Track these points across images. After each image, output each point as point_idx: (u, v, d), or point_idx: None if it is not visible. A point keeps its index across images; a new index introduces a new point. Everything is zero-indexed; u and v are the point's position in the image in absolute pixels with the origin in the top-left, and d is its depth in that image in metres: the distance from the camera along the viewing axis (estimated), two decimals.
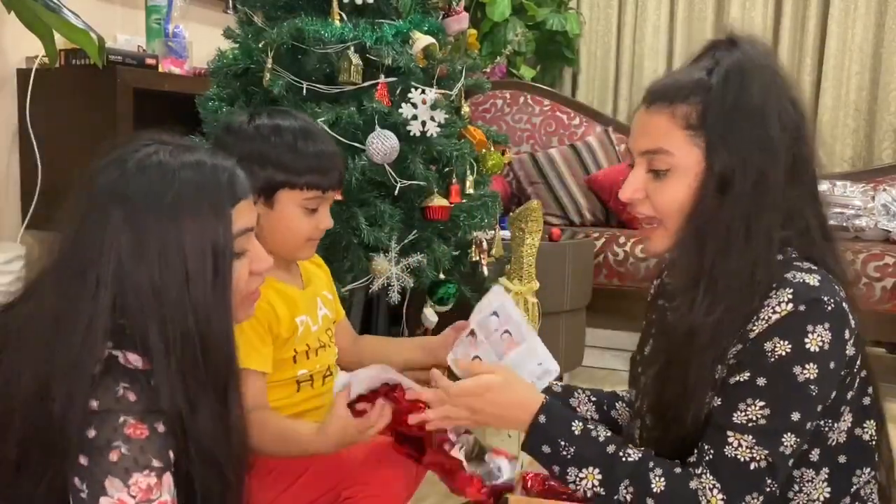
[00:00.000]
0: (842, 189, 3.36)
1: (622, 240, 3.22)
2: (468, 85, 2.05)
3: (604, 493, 0.98)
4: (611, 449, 1.00)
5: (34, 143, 2.43)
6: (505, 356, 1.14)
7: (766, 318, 0.95)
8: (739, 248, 0.97)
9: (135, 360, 0.93)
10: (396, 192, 1.80)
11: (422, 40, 1.80)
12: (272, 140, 1.24)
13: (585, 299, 2.79)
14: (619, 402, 1.29)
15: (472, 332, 1.15)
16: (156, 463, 0.89)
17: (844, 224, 3.22)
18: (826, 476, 1.01)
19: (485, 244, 2.03)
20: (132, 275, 0.93)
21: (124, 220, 0.93)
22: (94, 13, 2.60)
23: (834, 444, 1.01)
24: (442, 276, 1.91)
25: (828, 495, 1.01)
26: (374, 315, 2.55)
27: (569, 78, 4.51)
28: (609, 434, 1.02)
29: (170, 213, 0.93)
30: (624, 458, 0.98)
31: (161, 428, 0.91)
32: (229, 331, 0.99)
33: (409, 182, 1.80)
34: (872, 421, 1.04)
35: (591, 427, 1.03)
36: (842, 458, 1.02)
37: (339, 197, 1.31)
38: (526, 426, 1.04)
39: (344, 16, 1.79)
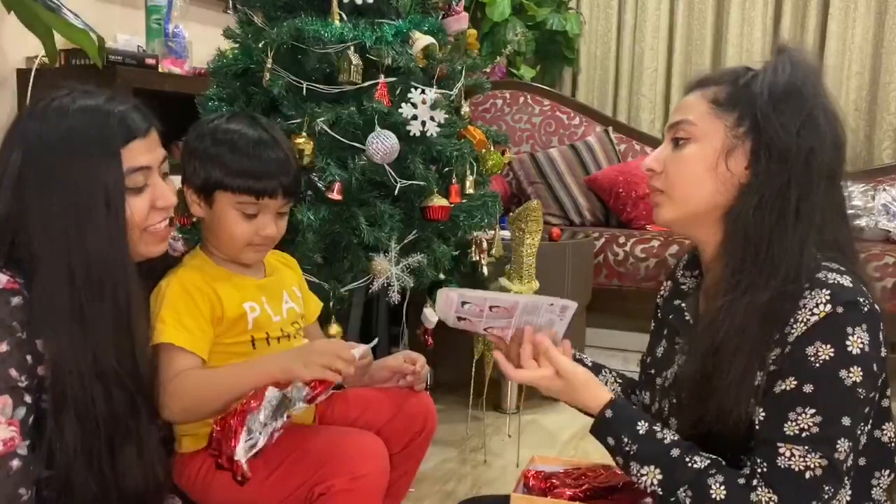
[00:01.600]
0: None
1: (622, 240, 3.22)
2: (468, 85, 2.05)
3: (662, 494, 0.99)
4: (675, 452, 1.00)
5: None
6: (515, 316, 1.14)
7: (804, 320, 0.95)
8: (791, 226, 0.98)
9: (1, 281, 0.99)
10: (396, 192, 1.80)
11: (422, 40, 1.80)
12: (219, 140, 1.26)
13: (585, 299, 2.79)
14: (635, 394, 1.29)
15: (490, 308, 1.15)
16: None
17: None
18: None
19: (485, 244, 2.03)
20: (28, 209, 1.02)
21: (22, 159, 1.03)
22: (94, 13, 2.60)
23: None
24: (442, 276, 1.91)
25: (849, 498, 1.01)
26: (374, 315, 2.55)
27: (569, 78, 4.51)
28: (676, 438, 1.02)
29: (60, 153, 1.03)
30: (689, 463, 0.98)
31: (3, 347, 0.96)
32: (123, 260, 1.07)
33: (409, 182, 1.80)
34: (891, 423, 1.04)
35: (658, 429, 1.03)
36: (862, 461, 1.02)
37: (283, 208, 1.31)
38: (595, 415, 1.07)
39: (344, 16, 1.79)
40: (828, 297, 0.94)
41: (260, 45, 1.81)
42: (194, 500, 1.29)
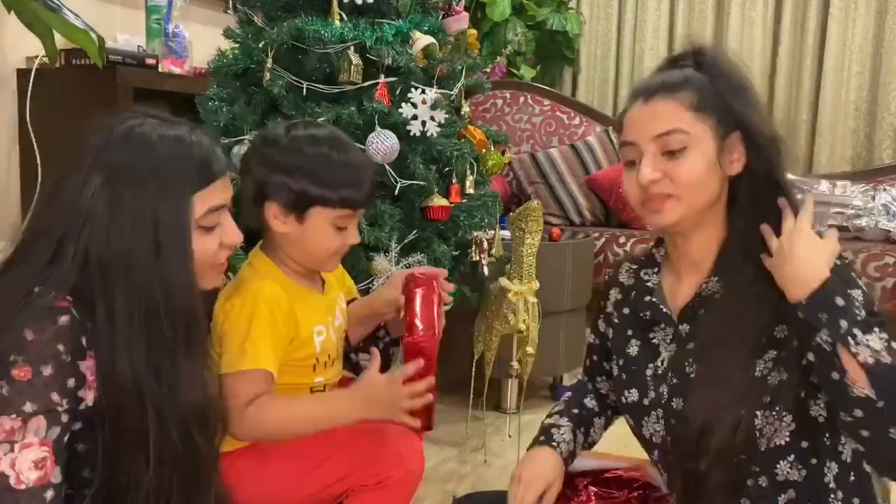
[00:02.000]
0: (842, 189, 3.36)
1: (622, 240, 3.22)
2: (468, 85, 2.05)
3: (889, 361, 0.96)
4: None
5: (34, 143, 2.43)
6: None
7: None
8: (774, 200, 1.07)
9: (52, 297, 0.97)
10: (396, 192, 1.80)
11: (422, 40, 1.80)
12: (308, 153, 1.25)
13: (585, 299, 2.79)
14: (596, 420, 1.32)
15: None
16: (28, 407, 0.93)
17: (844, 224, 3.22)
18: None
19: (485, 244, 2.03)
20: (104, 239, 0.99)
21: (102, 186, 1.00)
22: (94, 13, 2.60)
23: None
24: None
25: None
26: None
27: (569, 78, 4.51)
28: None
29: (145, 184, 1.01)
30: None
31: (47, 371, 0.94)
32: (191, 296, 1.05)
33: (409, 182, 1.80)
34: None
35: None
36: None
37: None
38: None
39: (344, 16, 1.79)
40: None
41: (260, 45, 1.81)
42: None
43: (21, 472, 0.92)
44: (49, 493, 0.94)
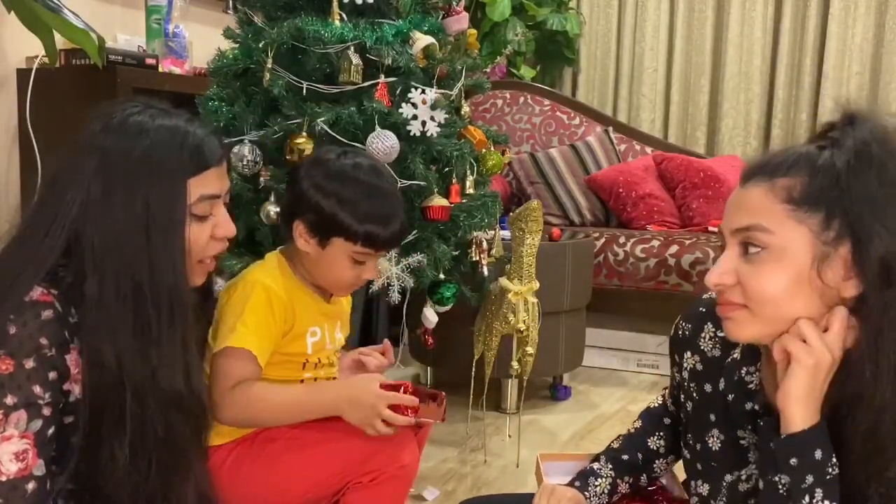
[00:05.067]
0: None
1: (622, 240, 3.22)
2: (468, 85, 2.05)
3: None
4: None
5: (34, 143, 2.43)
6: None
7: None
8: None
9: (35, 292, 0.98)
10: None
11: (422, 40, 1.80)
12: (351, 186, 1.27)
13: (585, 299, 2.79)
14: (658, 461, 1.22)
15: None
16: (9, 400, 0.94)
17: None
18: None
19: (485, 244, 2.03)
20: (96, 222, 1.01)
21: (96, 170, 1.02)
22: (94, 13, 2.60)
23: None
24: (442, 276, 1.91)
25: None
26: (374, 315, 2.56)
27: (569, 78, 4.52)
28: None
29: (138, 169, 1.02)
30: None
31: (29, 364, 0.95)
32: (186, 285, 1.06)
33: (409, 182, 1.80)
34: None
35: None
36: None
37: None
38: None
39: (344, 16, 1.79)
40: None
41: (260, 45, 1.81)
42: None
43: (2, 463, 0.93)
44: (30, 485, 0.95)
